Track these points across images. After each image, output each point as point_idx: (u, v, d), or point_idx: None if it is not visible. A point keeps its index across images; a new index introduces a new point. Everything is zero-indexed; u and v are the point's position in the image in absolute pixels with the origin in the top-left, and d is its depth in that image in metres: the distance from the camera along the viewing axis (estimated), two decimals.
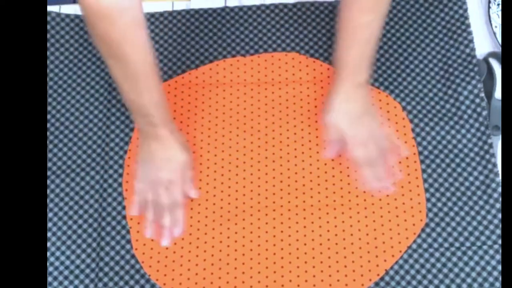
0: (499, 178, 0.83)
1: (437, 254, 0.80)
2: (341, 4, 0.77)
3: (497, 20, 0.91)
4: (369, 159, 0.82)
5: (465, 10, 0.92)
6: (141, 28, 0.70)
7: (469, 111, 0.87)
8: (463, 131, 0.86)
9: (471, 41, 0.90)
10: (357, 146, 0.82)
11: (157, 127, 0.79)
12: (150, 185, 0.81)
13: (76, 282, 0.79)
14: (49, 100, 0.89)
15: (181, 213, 0.82)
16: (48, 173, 0.85)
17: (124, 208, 0.83)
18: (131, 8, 0.67)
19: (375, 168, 0.83)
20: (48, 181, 0.84)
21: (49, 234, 0.82)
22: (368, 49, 0.79)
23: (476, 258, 0.79)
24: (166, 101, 0.80)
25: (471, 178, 0.83)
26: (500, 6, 0.92)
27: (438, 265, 0.79)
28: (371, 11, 0.75)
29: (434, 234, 0.81)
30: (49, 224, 0.82)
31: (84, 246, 0.81)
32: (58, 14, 0.94)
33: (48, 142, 0.86)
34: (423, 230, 0.81)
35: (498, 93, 0.88)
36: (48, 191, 0.84)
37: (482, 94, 0.87)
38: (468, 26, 0.91)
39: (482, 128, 0.85)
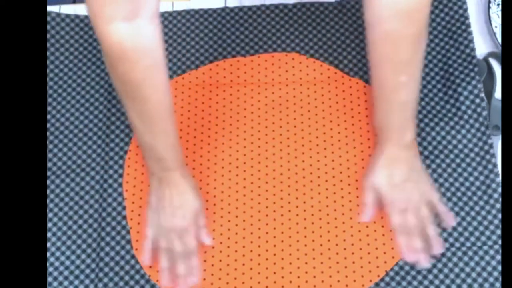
0: (499, 179, 0.83)
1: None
2: (371, 62, 0.73)
3: (497, 20, 0.91)
4: (406, 228, 0.78)
5: (465, 10, 0.92)
6: (162, 70, 0.70)
7: (469, 111, 0.86)
8: (463, 131, 0.86)
9: (471, 41, 0.90)
10: (394, 212, 0.78)
11: (170, 171, 0.78)
12: (163, 232, 0.78)
13: (76, 282, 0.79)
14: (49, 100, 0.89)
15: (195, 261, 0.78)
16: (48, 173, 0.85)
17: (124, 208, 0.83)
18: (153, 50, 0.67)
19: (411, 237, 0.78)
20: (48, 181, 0.84)
21: (49, 234, 0.82)
22: (408, 109, 0.76)
23: (476, 258, 0.79)
24: (180, 145, 0.79)
25: (471, 179, 0.83)
26: (500, 6, 0.92)
27: (439, 265, 0.79)
28: (404, 73, 0.72)
29: None
30: (49, 224, 0.82)
31: (84, 246, 0.81)
32: (58, 14, 0.94)
33: (48, 142, 0.86)
34: None
35: (498, 93, 0.88)
36: (48, 191, 0.84)
37: (482, 94, 0.87)
38: (468, 26, 0.91)
39: (482, 128, 0.85)
